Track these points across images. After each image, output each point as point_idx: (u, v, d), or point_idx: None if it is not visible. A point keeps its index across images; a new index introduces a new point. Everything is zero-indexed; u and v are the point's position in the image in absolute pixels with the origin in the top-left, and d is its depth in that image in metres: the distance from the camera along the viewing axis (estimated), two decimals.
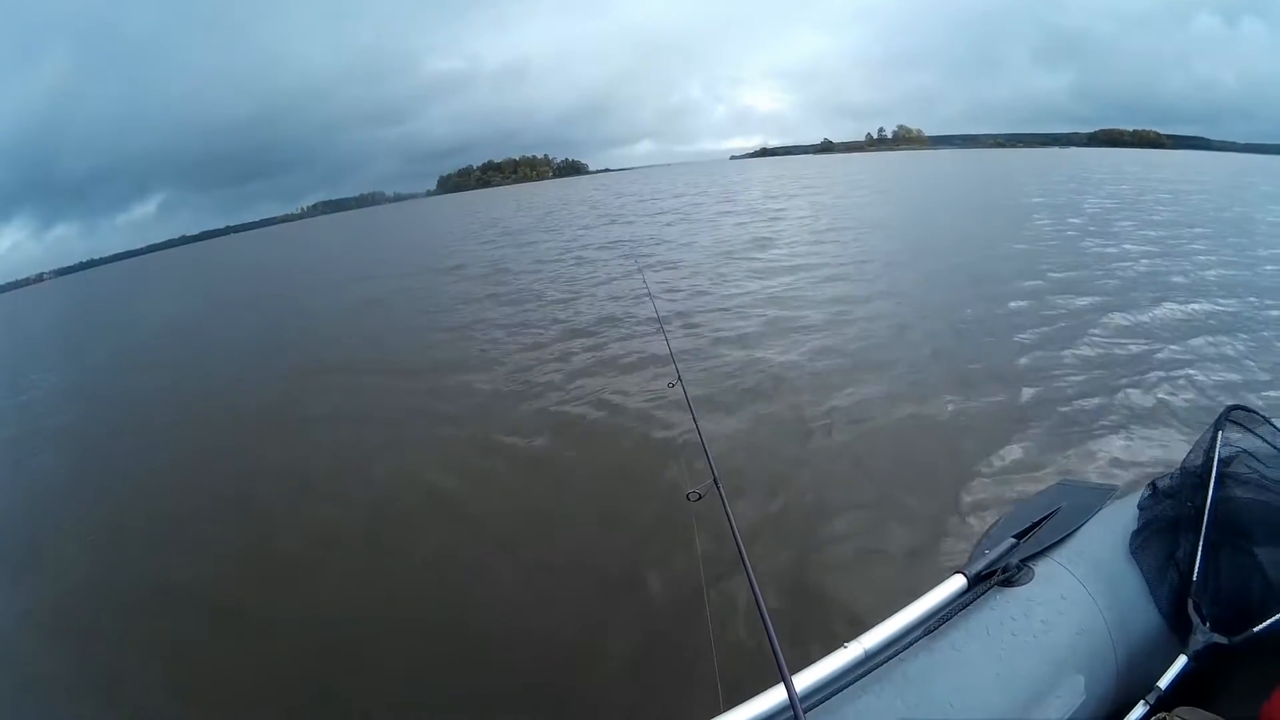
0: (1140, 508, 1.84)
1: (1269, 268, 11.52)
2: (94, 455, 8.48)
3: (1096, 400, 6.19)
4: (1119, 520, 1.84)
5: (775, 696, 1.42)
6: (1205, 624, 1.60)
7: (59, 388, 12.98)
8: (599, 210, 33.86)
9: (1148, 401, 6.07)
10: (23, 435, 9.80)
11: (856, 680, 1.48)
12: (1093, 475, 4.87)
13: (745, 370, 7.99)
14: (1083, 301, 9.59)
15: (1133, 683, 1.60)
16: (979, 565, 1.73)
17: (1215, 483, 1.74)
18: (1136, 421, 5.69)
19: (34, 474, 8.14)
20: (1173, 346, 7.49)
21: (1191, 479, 1.79)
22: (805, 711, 1.38)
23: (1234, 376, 6.53)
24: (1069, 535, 1.81)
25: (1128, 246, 13.87)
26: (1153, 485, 1.87)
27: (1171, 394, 6.20)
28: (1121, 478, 4.76)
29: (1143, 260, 12.45)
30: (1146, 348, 7.51)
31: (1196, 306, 9.10)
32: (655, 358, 8.61)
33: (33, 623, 4.82)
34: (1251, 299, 9.34)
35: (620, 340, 9.91)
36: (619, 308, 12.00)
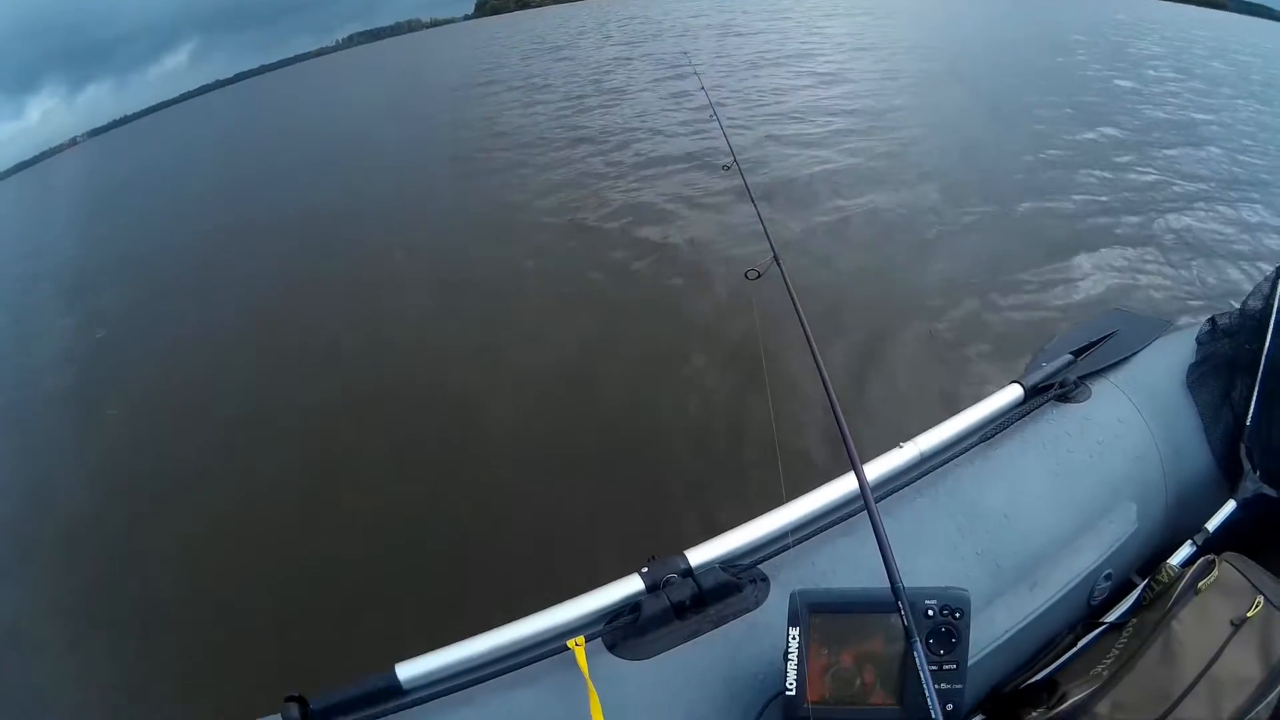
0: (1199, 341, 1.75)
1: None
2: None
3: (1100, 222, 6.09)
4: (1176, 351, 1.76)
5: (840, 488, 1.39)
6: (1256, 472, 1.56)
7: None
8: (647, 26, 32.08)
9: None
10: None
11: (910, 483, 1.44)
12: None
13: (800, 159, 8.03)
14: (1100, 130, 9.05)
15: (1182, 520, 1.56)
16: (1036, 377, 1.66)
17: (1274, 330, 1.66)
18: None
19: None
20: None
21: (1251, 321, 1.68)
22: (860, 512, 1.34)
23: None
24: (1126, 359, 1.72)
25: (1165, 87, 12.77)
26: (1212, 320, 1.76)
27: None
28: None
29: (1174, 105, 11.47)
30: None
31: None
32: (708, 145, 8.62)
33: None
34: None
35: (673, 129, 10.07)
36: (670, 103, 12.09)
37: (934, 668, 0.95)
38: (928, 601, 1.00)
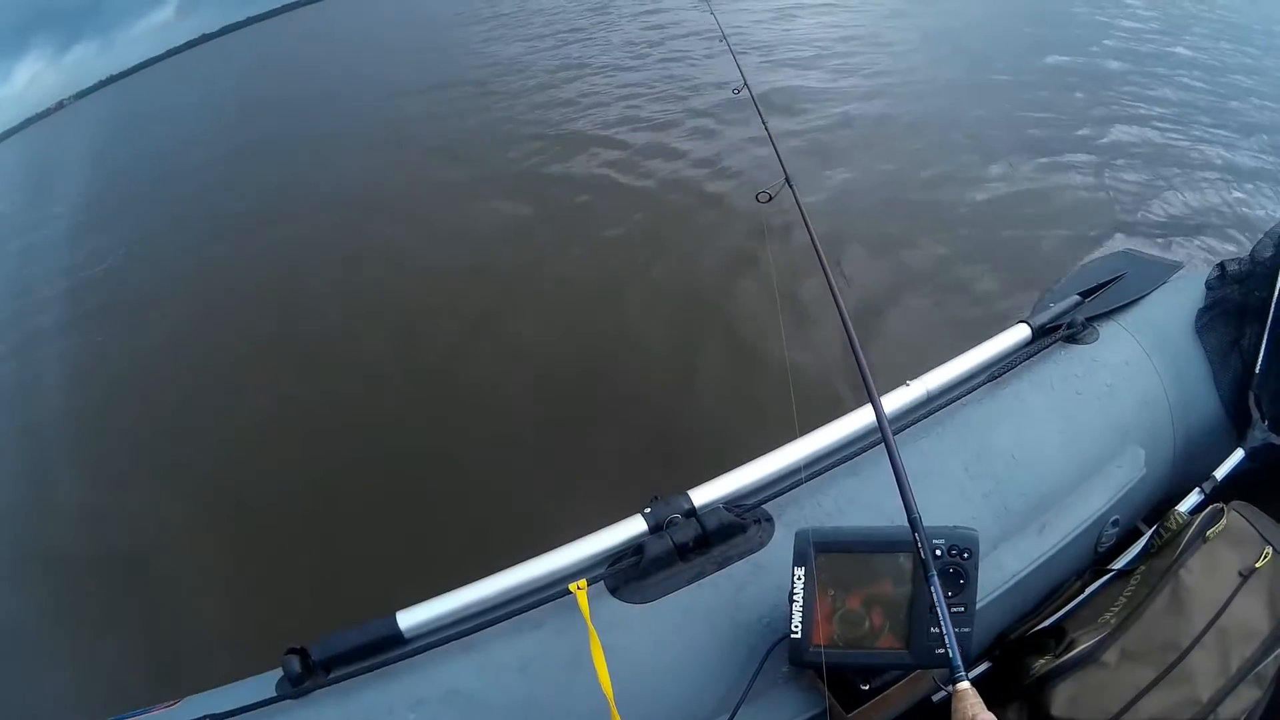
0: (1208, 286, 1.68)
1: None
2: None
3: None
4: (1185, 295, 1.69)
5: (847, 426, 1.35)
6: (1264, 422, 1.51)
7: None
8: None
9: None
10: None
11: (916, 422, 1.39)
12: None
13: (811, 80, 7.83)
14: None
15: (1190, 467, 1.53)
16: (1044, 317, 1.61)
17: None
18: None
19: None
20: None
21: (1261, 268, 1.61)
22: (867, 450, 1.31)
23: None
24: (1134, 302, 1.67)
25: None
26: (1221, 266, 1.69)
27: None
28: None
29: None
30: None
31: None
32: (717, 68, 8.41)
33: None
34: None
35: (681, 51, 9.84)
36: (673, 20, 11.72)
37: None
38: (935, 541, 0.96)
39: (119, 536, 3.50)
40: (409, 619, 1.15)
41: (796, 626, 0.99)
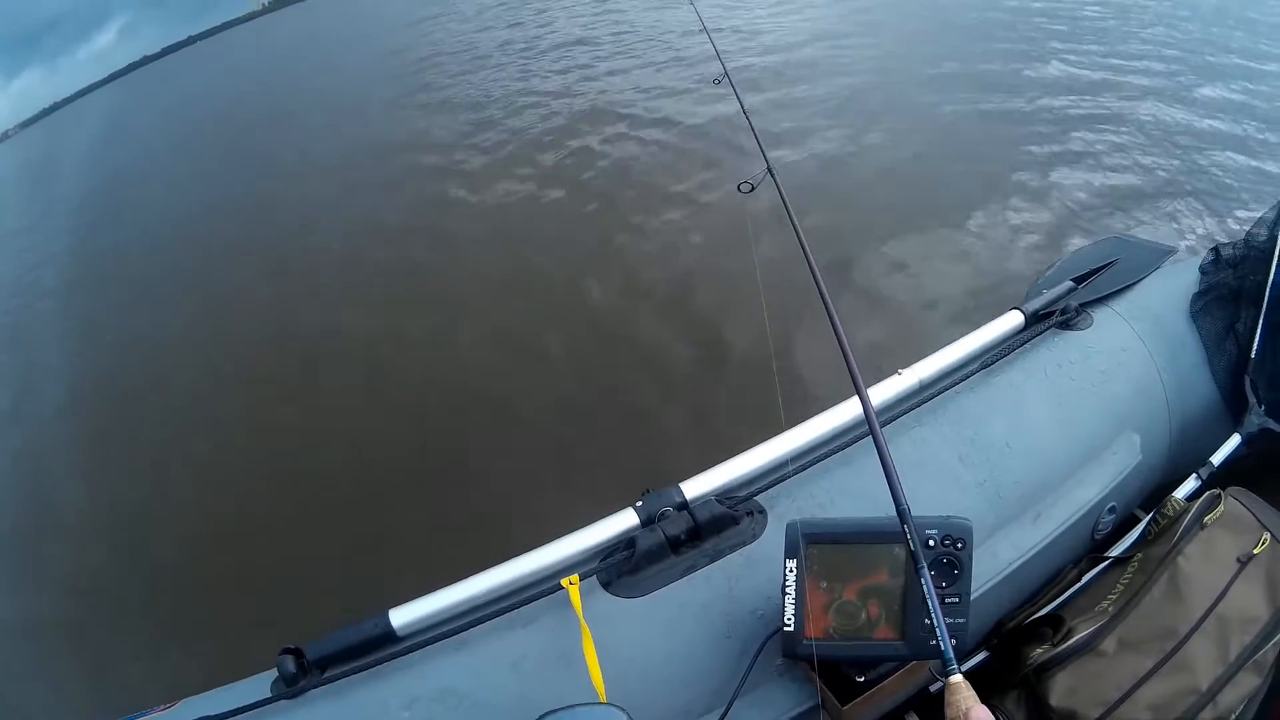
0: (1202, 271, 1.65)
1: None
2: None
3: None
4: (1179, 281, 1.66)
5: (839, 416, 1.33)
6: (1260, 406, 1.48)
7: None
8: None
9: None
10: None
11: (909, 411, 1.36)
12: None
13: (790, 66, 7.82)
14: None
15: (1185, 453, 1.50)
16: (1037, 304, 1.58)
17: (1279, 262, 1.59)
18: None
19: None
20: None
21: (1255, 252, 1.58)
22: (860, 440, 1.28)
23: None
24: (1128, 287, 1.63)
25: None
26: (1215, 250, 1.65)
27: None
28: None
29: None
30: None
31: None
32: (697, 55, 8.43)
33: None
34: None
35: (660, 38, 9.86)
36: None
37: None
38: (928, 531, 0.94)
39: None
40: (402, 616, 1.13)
41: (789, 619, 0.97)
